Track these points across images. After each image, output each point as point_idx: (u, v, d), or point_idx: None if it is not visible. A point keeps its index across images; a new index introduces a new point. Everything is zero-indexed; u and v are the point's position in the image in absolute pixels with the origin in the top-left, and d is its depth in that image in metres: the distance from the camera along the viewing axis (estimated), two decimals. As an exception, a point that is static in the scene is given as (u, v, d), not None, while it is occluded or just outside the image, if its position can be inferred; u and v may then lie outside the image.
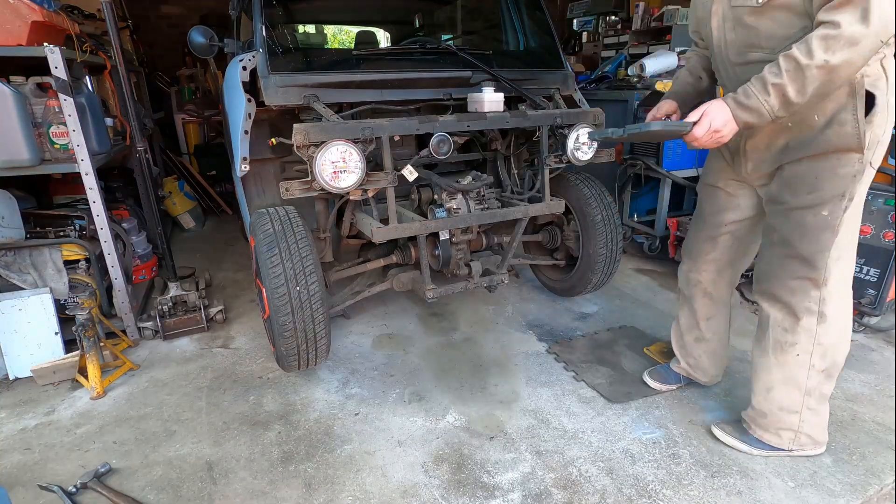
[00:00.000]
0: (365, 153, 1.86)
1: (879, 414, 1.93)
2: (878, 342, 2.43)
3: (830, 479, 1.63)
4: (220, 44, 2.17)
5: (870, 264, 2.45)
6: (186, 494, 1.63)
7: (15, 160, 2.09)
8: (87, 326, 2.16)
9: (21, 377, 2.26)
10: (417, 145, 2.53)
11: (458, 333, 2.60)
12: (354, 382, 2.20)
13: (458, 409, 2.01)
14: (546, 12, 2.74)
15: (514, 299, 2.96)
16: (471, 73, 2.31)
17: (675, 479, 1.65)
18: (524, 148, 2.60)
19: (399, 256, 2.41)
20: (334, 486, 1.65)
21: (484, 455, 1.77)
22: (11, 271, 2.33)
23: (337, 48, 3.88)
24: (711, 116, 1.41)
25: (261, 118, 2.14)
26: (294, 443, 1.85)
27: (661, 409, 1.98)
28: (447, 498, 1.60)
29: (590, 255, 2.53)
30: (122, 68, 2.44)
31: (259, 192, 2.57)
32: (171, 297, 2.65)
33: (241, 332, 2.65)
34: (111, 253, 2.40)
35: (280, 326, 1.84)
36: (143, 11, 5.96)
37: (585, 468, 1.70)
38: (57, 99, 2.12)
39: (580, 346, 2.42)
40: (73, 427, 1.95)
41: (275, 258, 1.83)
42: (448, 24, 3.41)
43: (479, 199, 2.20)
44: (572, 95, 2.61)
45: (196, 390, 2.17)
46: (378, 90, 2.21)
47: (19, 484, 1.68)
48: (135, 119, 2.53)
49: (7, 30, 2.04)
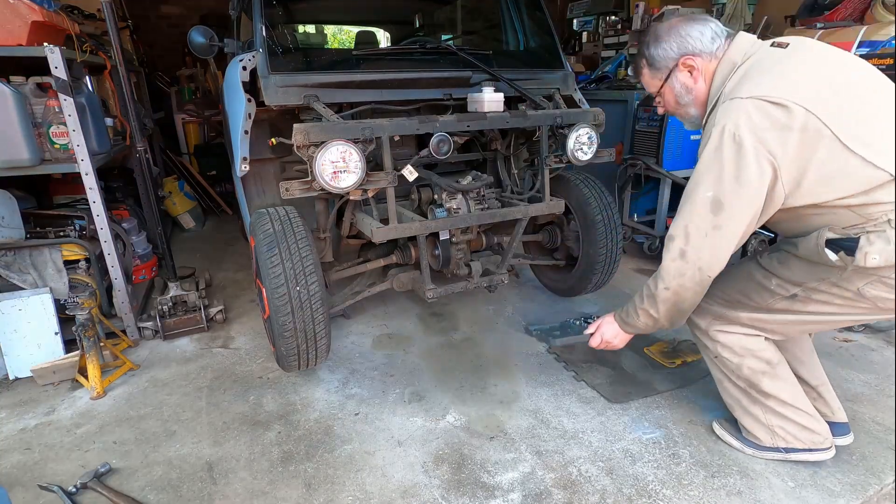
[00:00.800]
0: (365, 153, 1.86)
1: (879, 414, 1.93)
2: (878, 342, 2.43)
3: (830, 479, 1.63)
4: (220, 44, 2.17)
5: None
6: (186, 494, 1.63)
7: (15, 160, 2.09)
8: (87, 326, 2.16)
9: (21, 377, 2.25)
10: (417, 145, 2.53)
11: (458, 333, 2.60)
12: (354, 382, 2.20)
13: (458, 409, 2.01)
14: (546, 12, 2.74)
15: (515, 299, 2.96)
16: (471, 73, 2.31)
17: (675, 479, 1.65)
18: (524, 148, 2.60)
19: (399, 256, 2.41)
20: (334, 486, 1.65)
21: (484, 455, 1.77)
22: (11, 271, 2.33)
23: (337, 48, 3.89)
24: (602, 331, 1.75)
25: (261, 118, 2.14)
26: (294, 443, 1.85)
27: (661, 409, 1.98)
28: (447, 498, 1.60)
29: (590, 255, 2.52)
30: (122, 68, 2.44)
31: (259, 192, 2.57)
32: (171, 297, 2.64)
33: (241, 332, 2.65)
34: (111, 253, 2.40)
35: (280, 326, 1.84)
36: (143, 11, 5.96)
37: (585, 468, 1.70)
38: (57, 99, 2.12)
39: (580, 346, 2.42)
40: (73, 427, 1.95)
41: (275, 258, 1.83)
42: (448, 24, 3.41)
43: (479, 199, 2.20)
44: (572, 95, 2.61)
45: (196, 390, 2.17)
46: (378, 90, 2.21)
47: (19, 484, 1.68)
48: (135, 119, 2.53)
49: (7, 30, 2.04)
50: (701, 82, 1.51)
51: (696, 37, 1.48)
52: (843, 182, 1.28)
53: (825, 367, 1.72)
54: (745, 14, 3.84)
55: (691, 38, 1.48)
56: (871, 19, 2.94)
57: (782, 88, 1.29)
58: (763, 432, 1.68)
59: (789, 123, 1.27)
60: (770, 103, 1.28)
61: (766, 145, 1.28)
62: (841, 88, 1.31)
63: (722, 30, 1.50)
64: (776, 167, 1.29)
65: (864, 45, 2.88)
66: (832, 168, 1.28)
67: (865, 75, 1.37)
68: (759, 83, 1.33)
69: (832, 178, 1.29)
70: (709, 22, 1.50)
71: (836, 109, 1.27)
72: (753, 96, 1.30)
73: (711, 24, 1.49)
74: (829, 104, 1.27)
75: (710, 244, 1.39)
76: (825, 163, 1.28)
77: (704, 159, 1.37)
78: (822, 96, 1.28)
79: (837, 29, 3.04)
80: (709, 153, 1.35)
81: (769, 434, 1.67)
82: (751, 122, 1.29)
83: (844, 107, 1.28)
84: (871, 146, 1.26)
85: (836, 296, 1.42)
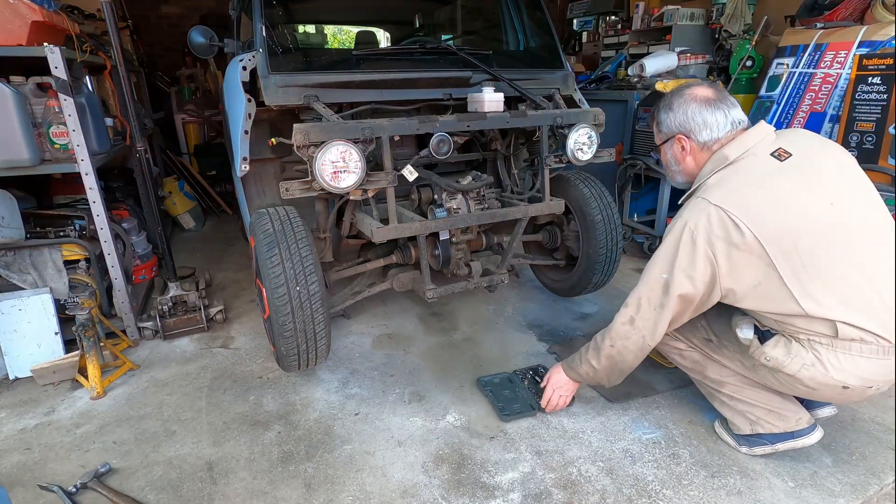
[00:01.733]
0: (365, 153, 1.86)
1: (879, 414, 1.93)
2: (878, 342, 2.43)
3: (830, 479, 1.63)
4: (220, 44, 2.17)
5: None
6: (186, 494, 1.63)
7: (15, 160, 2.08)
8: (87, 326, 2.16)
9: (21, 377, 2.25)
10: (417, 145, 2.53)
11: (458, 333, 2.60)
12: (354, 382, 2.20)
13: (458, 409, 2.01)
14: (546, 12, 2.74)
15: (515, 299, 2.96)
16: (471, 73, 2.31)
17: (675, 479, 1.65)
18: (524, 148, 2.60)
19: (399, 256, 2.41)
20: (334, 486, 1.65)
21: (484, 455, 1.77)
22: (11, 271, 2.33)
23: (337, 48, 3.89)
24: (552, 383, 1.90)
25: (261, 118, 2.14)
26: (294, 443, 1.85)
27: (661, 409, 1.98)
28: (447, 498, 1.60)
29: (590, 255, 2.52)
30: (122, 68, 2.44)
31: (259, 192, 2.57)
32: (171, 297, 2.64)
33: (241, 332, 2.65)
34: (111, 253, 2.40)
35: (280, 326, 1.84)
36: (143, 11, 5.96)
37: (585, 468, 1.70)
38: (57, 99, 2.12)
39: (581, 346, 2.41)
40: (73, 427, 1.95)
41: (275, 258, 1.83)
42: (448, 24, 3.41)
43: (479, 199, 2.20)
44: (572, 95, 2.61)
45: (196, 390, 2.17)
46: (378, 90, 2.21)
47: (19, 484, 1.68)
48: (135, 119, 2.53)
49: (7, 30, 2.04)
50: (690, 160, 1.61)
51: (699, 124, 1.54)
52: (771, 305, 1.41)
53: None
54: (745, 14, 3.84)
55: (695, 124, 1.55)
56: (871, 19, 2.95)
57: (750, 210, 1.37)
58: (740, 420, 1.71)
59: (738, 244, 1.37)
60: (729, 219, 1.37)
61: (713, 250, 1.40)
62: (814, 224, 1.36)
63: (739, 120, 1.54)
64: (716, 274, 1.42)
65: (864, 45, 2.88)
66: (765, 292, 1.40)
67: (858, 210, 1.42)
68: (731, 192, 1.41)
69: (763, 298, 1.41)
70: (729, 109, 1.53)
71: (790, 247, 1.35)
72: (720, 205, 1.39)
73: (728, 112, 1.53)
74: (787, 240, 1.35)
75: (654, 317, 1.54)
76: (759, 286, 1.40)
77: (666, 244, 1.49)
78: (786, 229, 1.35)
79: (837, 29, 3.05)
80: (671, 240, 1.48)
81: (746, 422, 1.70)
82: (709, 227, 1.39)
83: (805, 246, 1.35)
84: (813, 296, 1.35)
85: (739, 362, 1.63)
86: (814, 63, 3.08)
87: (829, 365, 1.37)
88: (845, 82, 2.85)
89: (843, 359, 1.36)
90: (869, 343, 1.34)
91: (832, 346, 1.37)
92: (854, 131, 2.62)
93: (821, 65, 3.05)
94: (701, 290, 1.45)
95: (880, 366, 1.36)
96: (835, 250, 1.36)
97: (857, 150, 2.61)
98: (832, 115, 2.90)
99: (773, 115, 3.18)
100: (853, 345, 1.35)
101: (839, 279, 1.35)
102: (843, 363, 1.37)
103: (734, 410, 1.71)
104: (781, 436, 1.66)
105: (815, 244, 1.35)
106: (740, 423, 1.71)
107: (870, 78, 2.55)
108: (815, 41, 3.10)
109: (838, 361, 1.37)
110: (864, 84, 2.57)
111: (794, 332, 1.42)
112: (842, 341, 1.36)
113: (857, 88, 2.59)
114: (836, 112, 2.86)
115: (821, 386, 1.41)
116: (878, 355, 1.35)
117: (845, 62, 2.93)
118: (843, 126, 2.65)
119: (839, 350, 1.37)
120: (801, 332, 1.41)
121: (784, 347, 1.44)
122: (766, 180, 1.41)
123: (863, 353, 1.35)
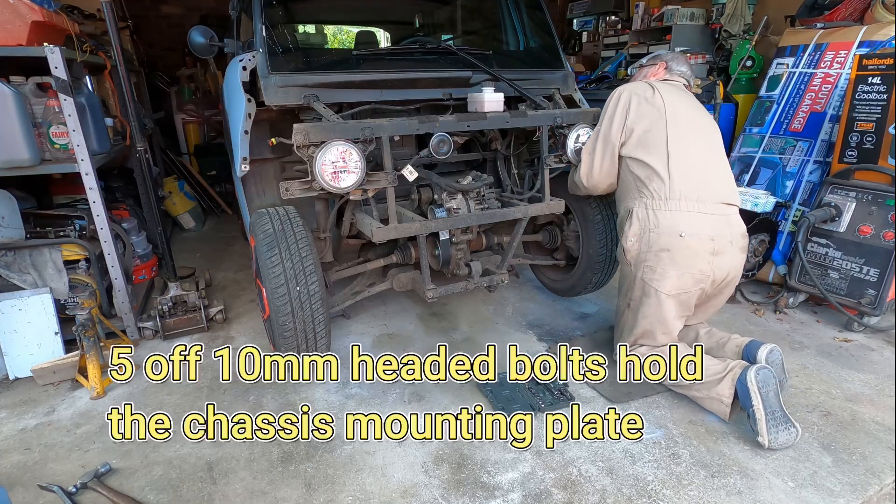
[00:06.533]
0: (365, 153, 1.86)
1: (879, 414, 1.93)
2: (878, 342, 2.43)
3: (830, 479, 1.63)
4: (220, 44, 2.17)
5: (870, 264, 2.45)
6: (186, 494, 1.63)
7: (15, 160, 2.09)
8: (87, 326, 2.16)
9: (21, 377, 2.25)
10: (417, 145, 2.53)
11: (458, 333, 2.60)
12: (354, 382, 2.20)
13: (458, 409, 2.00)
14: (546, 12, 2.74)
15: (514, 299, 2.96)
16: (471, 73, 2.31)
17: (675, 479, 1.65)
18: (524, 148, 2.60)
19: (399, 256, 2.40)
20: (334, 486, 1.65)
21: (484, 455, 1.77)
22: (11, 271, 2.33)
23: (337, 48, 3.88)
24: None
25: (261, 118, 2.14)
26: (294, 443, 1.85)
27: (661, 409, 1.98)
28: (447, 498, 1.60)
29: (590, 255, 2.52)
30: (122, 68, 2.44)
31: (259, 192, 2.57)
32: (171, 297, 2.64)
33: (241, 332, 2.65)
34: (111, 253, 2.40)
35: (280, 326, 1.84)
36: (143, 11, 5.95)
37: (585, 468, 1.70)
38: (57, 99, 2.12)
39: (581, 346, 2.42)
40: (73, 427, 1.95)
41: (275, 258, 1.83)
42: (448, 24, 3.41)
43: (479, 199, 2.20)
44: (572, 95, 2.61)
45: (196, 390, 2.17)
46: (378, 90, 2.21)
47: (19, 484, 1.68)
48: (135, 119, 2.53)
49: (7, 30, 2.04)
50: None
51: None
52: (646, 155, 1.95)
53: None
54: (745, 14, 3.85)
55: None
56: (871, 19, 2.94)
57: (662, 88, 2.04)
58: (694, 391, 1.94)
59: (649, 99, 2.00)
60: (650, 86, 2.04)
61: (630, 102, 2.01)
62: (683, 122, 1.98)
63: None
64: (627, 116, 2.01)
65: (864, 44, 2.88)
66: (650, 138, 1.95)
67: (706, 128, 2.05)
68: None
69: (647, 146, 1.96)
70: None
71: (673, 119, 1.95)
72: (647, 81, 2.12)
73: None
74: (671, 113, 1.96)
75: (588, 160, 2.15)
76: (649, 132, 1.96)
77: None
78: (673, 110, 1.97)
79: (837, 29, 3.04)
80: (605, 106, 2.10)
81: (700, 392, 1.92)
82: (634, 87, 2.06)
83: (682, 120, 1.97)
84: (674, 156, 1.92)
85: (635, 287, 2.01)
86: (814, 63, 3.07)
87: (662, 218, 1.90)
88: (845, 82, 2.84)
89: (674, 215, 1.89)
90: (690, 202, 1.89)
91: (666, 207, 1.90)
92: (854, 131, 2.61)
93: (821, 65, 3.04)
94: (617, 130, 2.02)
95: (699, 220, 1.88)
96: (688, 140, 1.96)
97: (856, 150, 2.61)
98: (832, 115, 2.90)
99: (773, 115, 3.18)
100: (681, 203, 1.88)
101: (682, 154, 1.93)
102: (676, 217, 1.89)
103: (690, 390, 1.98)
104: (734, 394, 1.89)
105: (681, 129, 1.95)
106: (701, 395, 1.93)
107: (870, 78, 2.55)
108: (815, 41, 3.09)
109: (672, 216, 1.89)
110: (864, 84, 2.56)
111: (644, 195, 1.95)
112: (672, 201, 1.89)
113: (857, 88, 2.59)
114: (836, 112, 2.86)
115: (662, 236, 1.90)
116: (694, 214, 1.88)
117: (845, 62, 2.93)
118: (843, 126, 2.65)
119: (672, 209, 1.89)
120: (647, 195, 1.94)
121: (629, 220, 1.98)
122: (671, 87, 2.08)
123: (682, 209, 1.88)
